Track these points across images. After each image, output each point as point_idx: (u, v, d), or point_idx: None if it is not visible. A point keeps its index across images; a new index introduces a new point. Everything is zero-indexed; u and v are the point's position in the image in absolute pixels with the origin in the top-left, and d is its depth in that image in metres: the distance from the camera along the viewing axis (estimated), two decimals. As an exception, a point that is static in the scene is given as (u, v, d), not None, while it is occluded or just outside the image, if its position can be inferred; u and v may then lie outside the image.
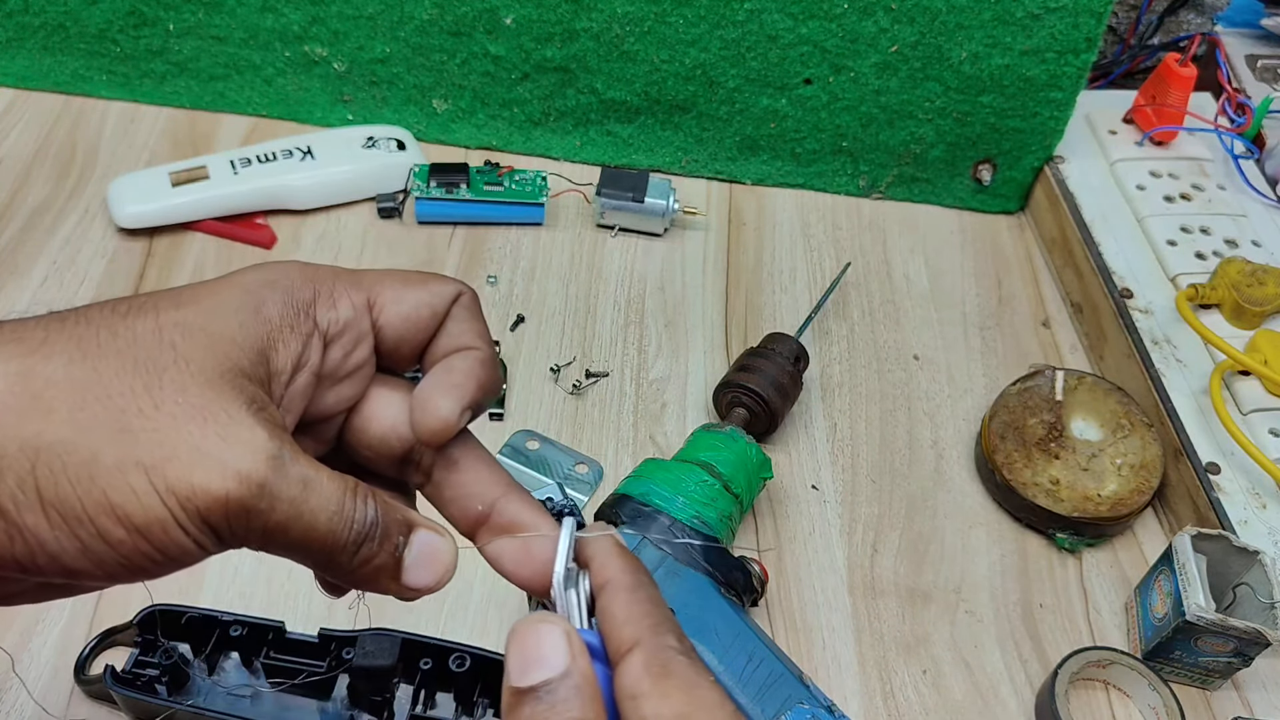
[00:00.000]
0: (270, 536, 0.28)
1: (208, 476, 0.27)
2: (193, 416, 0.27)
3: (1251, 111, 0.84)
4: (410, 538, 0.32)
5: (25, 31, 0.81)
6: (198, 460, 0.27)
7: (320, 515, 0.29)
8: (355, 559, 0.30)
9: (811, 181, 0.85)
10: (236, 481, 0.27)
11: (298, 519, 0.28)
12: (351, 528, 0.30)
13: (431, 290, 0.33)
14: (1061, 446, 0.65)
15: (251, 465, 0.27)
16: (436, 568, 0.32)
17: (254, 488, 0.27)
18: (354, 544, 0.30)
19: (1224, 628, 0.55)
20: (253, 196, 0.75)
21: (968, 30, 0.75)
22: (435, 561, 0.32)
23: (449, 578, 0.32)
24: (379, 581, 0.31)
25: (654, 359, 0.72)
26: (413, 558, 0.31)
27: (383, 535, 0.30)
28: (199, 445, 0.27)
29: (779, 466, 0.66)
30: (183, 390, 0.27)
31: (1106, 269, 0.75)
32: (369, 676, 0.51)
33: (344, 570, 0.30)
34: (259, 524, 0.28)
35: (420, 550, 0.32)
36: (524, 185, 0.78)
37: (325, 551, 0.29)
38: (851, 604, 0.61)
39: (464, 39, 0.78)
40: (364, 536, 0.30)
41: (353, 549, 0.30)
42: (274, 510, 0.28)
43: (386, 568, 0.31)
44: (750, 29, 0.76)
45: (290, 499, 0.28)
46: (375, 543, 0.30)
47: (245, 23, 0.79)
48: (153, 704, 0.51)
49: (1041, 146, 0.81)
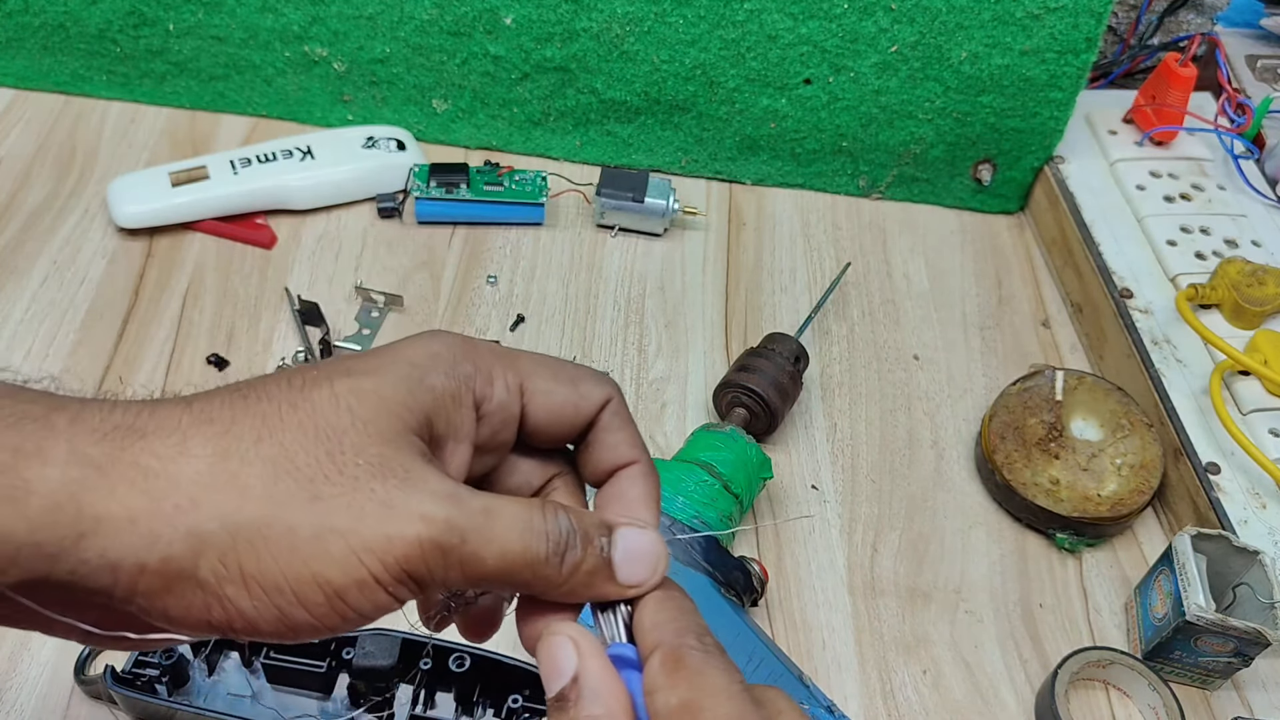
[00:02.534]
0: (470, 569, 0.29)
1: (399, 526, 0.28)
2: (374, 474, 0.29)
3: (1251, 111, 0.84)
4: (612, 536, 0.32)
5: (25, 31, 0.81)
6: (385, 514, 0.28)
7: (512, 535, 0.30)
8: (563, 569, 0.31)
9: (811, 181, 0.85)
10: (424, 524, 0.28)
11: (490, 544, 0.29)
12: (547, 540, 0.30)
13: (581, 392, 0.34)
14: (1061, 446, 0.65)
15: (434, 506, 0.29)
16: (649, 559, 0.32)
17: (441, 525, 0.29)
18: (556, 554, 0.30)
19: (1224, 628, 0.55)
20: (253, 196, 0.75)
21: (968, 30, 0.75)
22: (646, 554, 0.32)
23: (665, 567, 0.33)
24: (595, 586, 0.32)
25: (654, 359, 0.72)
26: (621, 555, 0.32)
27: (583, 540, 0.31)
28: (384, 500, 0.28)
29: (779, 466, 0.66)
30: (361, 451, 0.29)
31: (1106, 269, 0.75)
32: (369, 676, 0.51)
33: (556, 584, 0.31)
34: (455, 559, 0.29)
35: (627, 546, 0.32)
36: (524, 185, 0.78)
37: (530, 569, 0.30)
38: (851, 604, 0.61)
39: (464, 39, 0.78)
40: (564, 545, 0.31)
41: (556, 560, 0.30)
42: (466, 542, 0.29)
43: (599, 570, 0.32)
44: (750, 29, 0.76)
45: (478, 528, 0.29)
46: (578, 549, 0.31)
47: (245, 23, 0.79)
48: (153, 704, 0.51)
49: (1041, 146, 0.81)
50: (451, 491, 0.29)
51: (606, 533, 0.32)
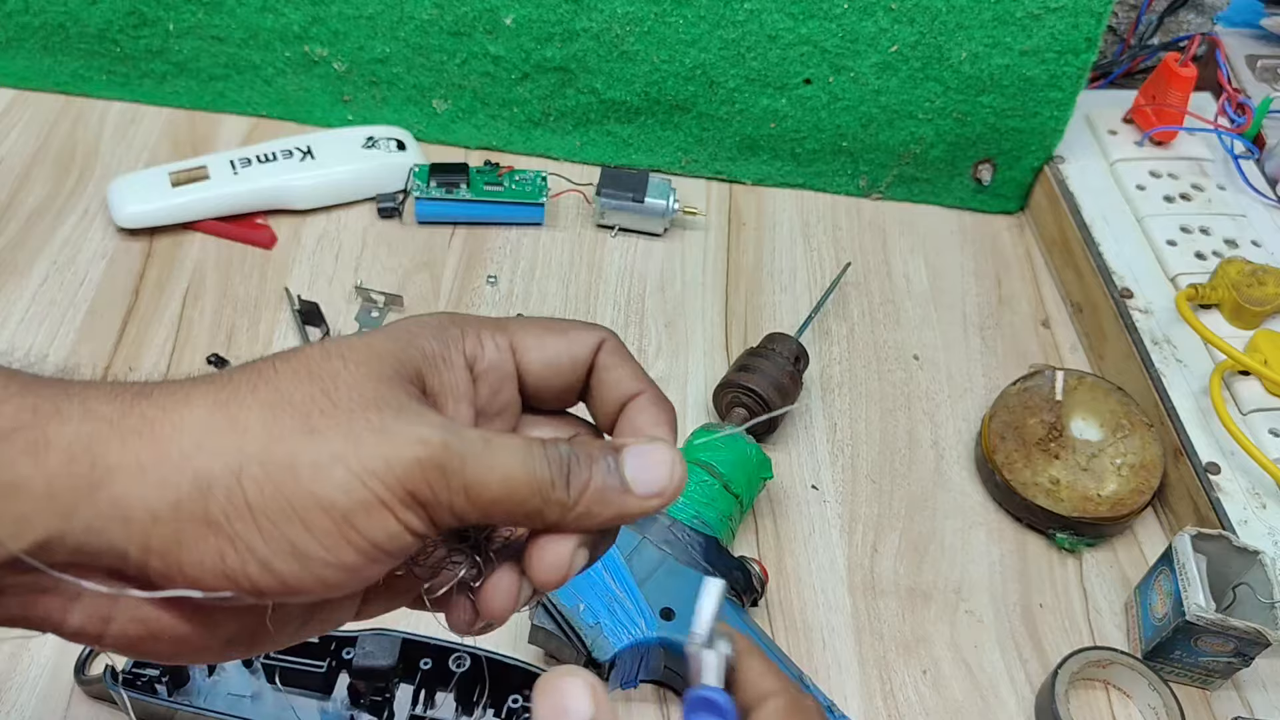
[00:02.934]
0: (475, 495, 0.29)
1: (395, 448, 0.28)
2: (369, 406, 0.29)
3: (1251, 111, 0.84)
4: (620, 454, 0.31)
5: (25, 31, 0.81)
6: (383, 439, 0.28)
7: (514, 460, 0.30)
8: (570, 490, 0.30)
9: (811, 181, 0.85)
10: (422, 446, 0.28)
11: (492, 470, 0.29)
12: (550, 464, 0.30)
13: (571, 338, 0.34)
14: (1061, 446, 0.65)
15: (430, 431, 0.29)
16: (664, 466, 0.31)
17: (438, 447, 0.29)
18: (561, 475, 0.30)
19: (1224, 628, 0.55)
20: (253, 196, 0.75)
21: (968, 30, 0.75)
22: (660, 461, 0.31)
23: (682, 474, 0.32)
24: (610, 505, 0.31)
25: (654, 359, 0.72)
26: (633, 467, 0.31)
27: (588, 459, 0.31)
28: (379, 427, 0.29)
29: (779, 466, 0.66)
30: (355, 387, 0.29)
31: (1106, 269, 0.75)
32: (369, 676, 0.51)
33: (568, 508, 0.30)
34: (459, 482, 0.29)
35: (638, 459, 0.31)
36: (524, 185, 0.78)
37: (537, 494, 0.30)
38: (851, 604, 0.61)
39: (464, 39, 0.78)
40: (568, 467, 0.30)
41: (562, 481, 0.30)
42: (466, 465, 0.29)
43: (611, 486, 0.31)
44: (750, 29, 0.76)
45: (477, 453, 0.29)
46: (584, 469, 0.31)
47: (245, 23, 0.79)
48: (153, 704, 0.51)
49: (1041, 146, 0.81)
50: (446, 422, 0.30)
51: (613, 452, 0.31)
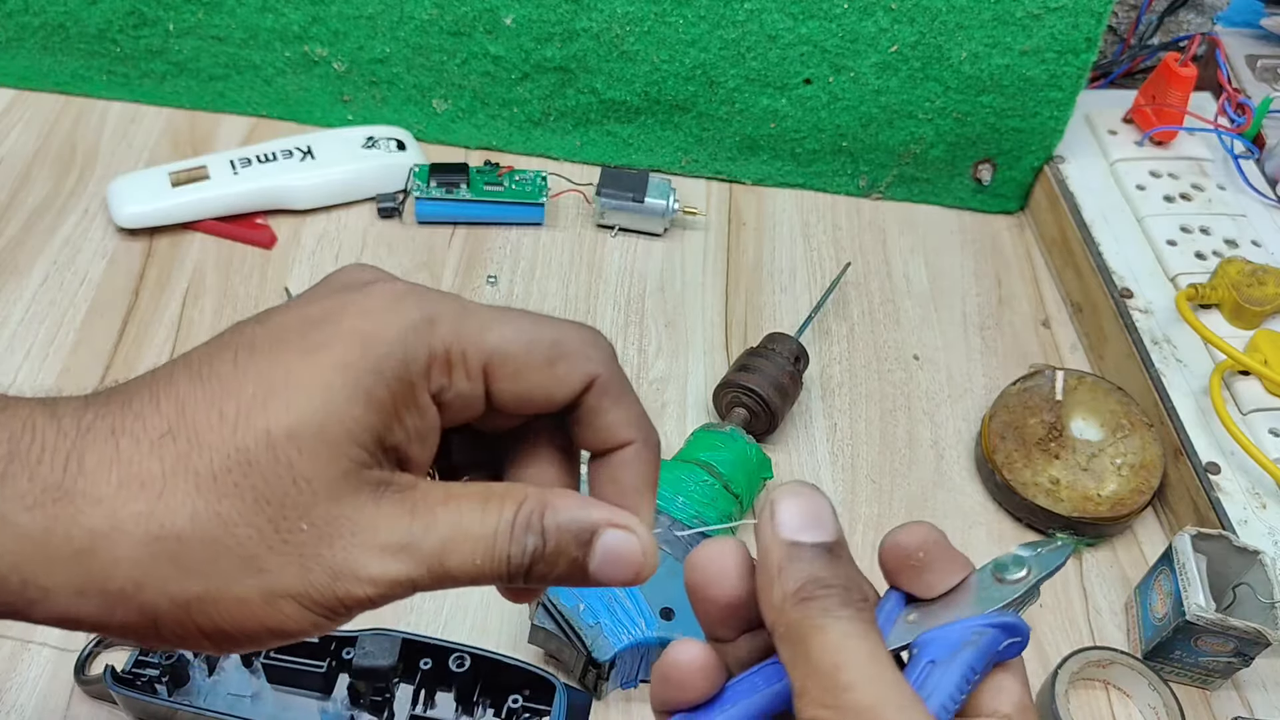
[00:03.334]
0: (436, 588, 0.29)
1: (348, 587, 0.28)
2: (320, 539, 0.28)
3: (1251, 111, 0.84)
4: (592, 546, 0.30)
5: (25, 31, 0.81)
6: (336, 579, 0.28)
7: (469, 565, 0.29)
8: (530, 579, 0.30)
9: (811, 181, 0.85)
10: (374, 587, 0.28)
11: (450, 577, 0.29)
12: (509, 563, 0.29)
13: (557, 375, 0.30)
14: (1061, 446, 0.65)
15: (382, 567, 0.28)
16: (625, 568, 0.30)
17: (389, 584, 0.28)
18: (519, 571, 0.29)
19: (1224, 628, 0.55)
20: (253, 196, 0.75)
21: (968, 30, 0.75)
22: (622, 562, 0.30)
23: (648, 570, 0.30)
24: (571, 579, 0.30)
25: (654, 359, 0.72)
26: (597, 563, 0.30)
27: (553, 554, 0.29)
28: (332, 566, 0.28)
29: (779, 466, 0.66)
30: (306, 515, 0.28)
31: (1106, 269, 0.75)
32: (369, 676, 0.51)
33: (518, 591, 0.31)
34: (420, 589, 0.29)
35: (603, 554, 0.30)
36: (524, 185, 0.78)
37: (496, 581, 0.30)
38: (851, 604, 0.61)
39: (464, 39, 0.78)
40: (529, 563, 0.29)
41: (520, 575, 0.29)
42: (424, 582, 0.29)
43: (571, 576, 0.30)
44: (750, 29, 0.76)
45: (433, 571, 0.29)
46: (545, 563, 0.29)
47: (245, 23, 0.79)
48: (153, 704, 0.51)
49: (1041, 146, 0.81)
50: (403, 542, 0.28)
51: (588, 540, 0.30)
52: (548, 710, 0.51)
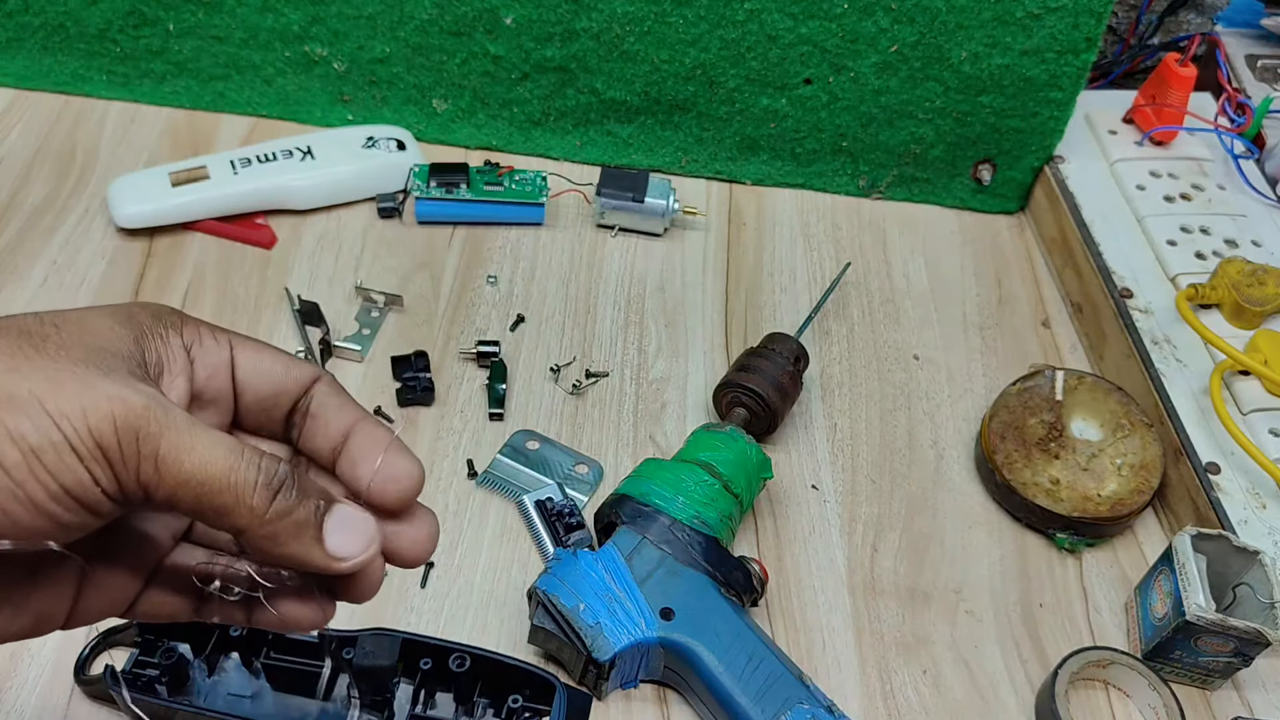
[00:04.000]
0: (165, 469, 0.28)
1: (94, 400, 0.28)
2: (76, 362, 0.29)
3: (1251, 111, 0.84)
4: (330, 505, 0.31)
5: (25, 31, 0.81)
6: (83, 388, 0.28)
7: (217, 451, 0.29)
8: (271, 507, 0.30)
9: (811, 181, 0.85)
10: (121, 403, 0.28)
11: (191, 449, 0.29)
12: (259, 470, 0.29)
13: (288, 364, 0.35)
14: (1061, 446, 0.65)
15: (134, 394, 0.28)
16: (361, 536, 0.31)
17: (139, 409, 0.28)
18: (266, 487, 0.29)
19: (1224, 628, 0.55)
20: (253, 196, 0.75)
21: (968, 30, 0.75)
22: (358, 529, 0.31)
23: (375, 550, 0.32)
24: (299, 540, 0.30)
25: (654, 359, 0.72)
26: (335, 521, 0.31)
27: (300, 492, 0.30)
28: (84, 379, 0.28)
29: (779, 466, 0.66)
30: (64, 348, 0.29)
31: (1106, 269, 0.75)
32: (369, 676, 0.51)
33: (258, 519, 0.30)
34: (151, 449, 0.28)
35: (343, 515, 0.31)
36: (524, 185, 0.78)
37: (232, 492, 0.29)
38: (851, 604, 0.61)
39: (464, 39, 0.78)
40: (276, 485, 0.30)
41: (266, 493, 0.29)
42: (163, 434, 0.28)
43: (307, 525, 0.30)
44: (750, 29, 0.76)
45: (178, 428, 0.29)
46: (292, 494, 0.30)
47: (245, 23, 0.79)
48: (153, 704, 0.51)
49: (1041, 146, 0.81)
50: (156, 394, 0.29)
51: (325, 499, 0.31)
52: (548, 710, 0.51)
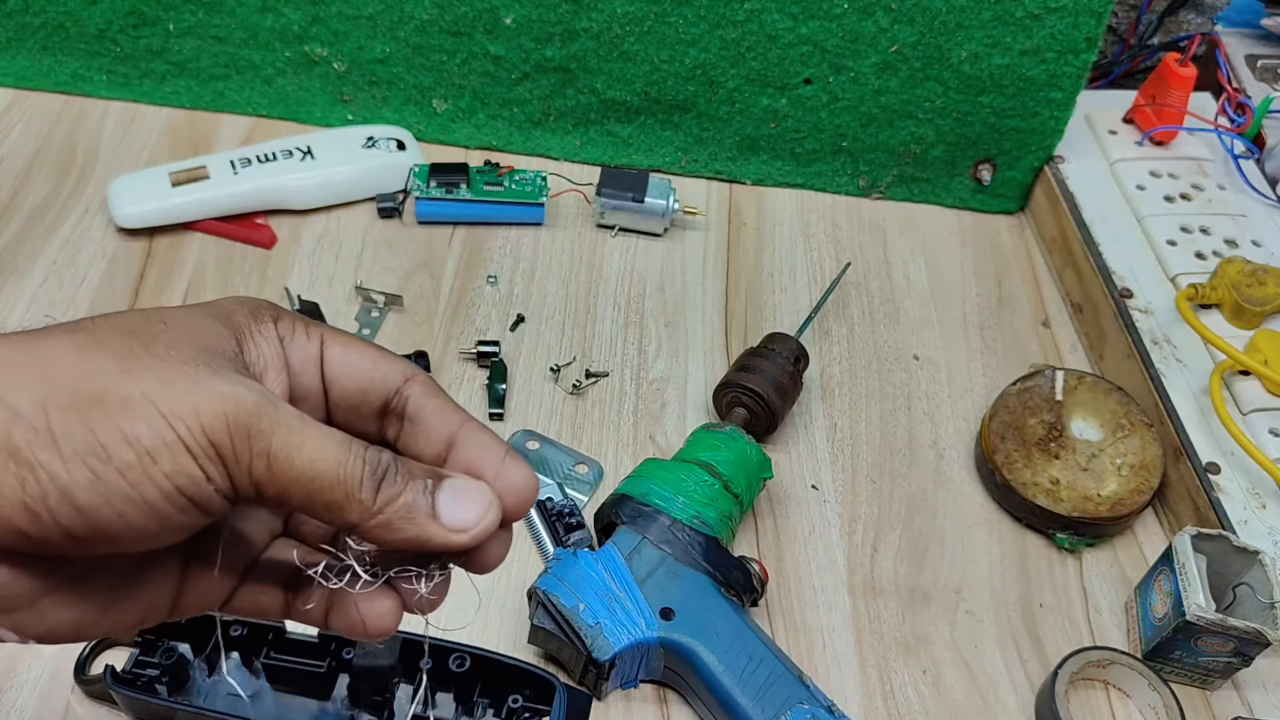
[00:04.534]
0: (277, 466, 0.29)
1: (205, 398, 0.28)
2: (185, 361, 0.29)
3: (1251, 111, 0.84)
4: (440, 482, 0.31)
5: (25, 31, 0.81)
6: (194, 387, 0.28)
7: (325, 446, 0.29)
8: (379, 496, 0.30)
9: (811, 181, 0.85)
10: (233, 402, 0.28)
11: (301, 446, 0.29)
12: (364, 463, 0.30)
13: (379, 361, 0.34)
14: (1061, 446, 0.65)
15: (245, 391, 0.29)
16: (477, 504, 0.31)
17: (250, 405, 0.28)
18: (374, 480, 0.30)
19: (1224, 628, 0.55)
20: (253, 196, 0.75)
21: (968, 30, 0.75)
22: (475, 498, 0.31)
23: (495, 514, 0.31)
24: (413, 522, 0.30)
25: (654, 359, 0.72)
26: (448, 495, 0.31)
27: (406, 474, 0.30)
28: (194, 378, 0.28)
29: (779, 466, 0.66)
30: (173, 346, 0.29)
31: (1106, 269, 0.75)
32: (369, 676, 0.51)
33: (369, 512, 0.30)
34: (262, 446, 0.28)
35: (455, 491, 0.31)
36: (524, 185, 0.78)
37: (341, 486, 0.29)
38: (851, 604, 0.61)
39: (464, 39, 0.78)
40: (381, 473, 0.30)
41: (371, 484, 0.30)
42: (274, 431, 0.29)
43: (418, 505, 0.30)
44: (750, 29, 0.76)
45: (289, 426, 0.29)
46: (397, 481, 0.30)
47: (245, 23, 0.79)
48: (153, 704, 0.51)
49: (1041, 146, 0.81)
50: (266, 391, 0.29)
51: (434, 478, 0.31)
52: (548, 710, 0.51)
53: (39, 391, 0.27)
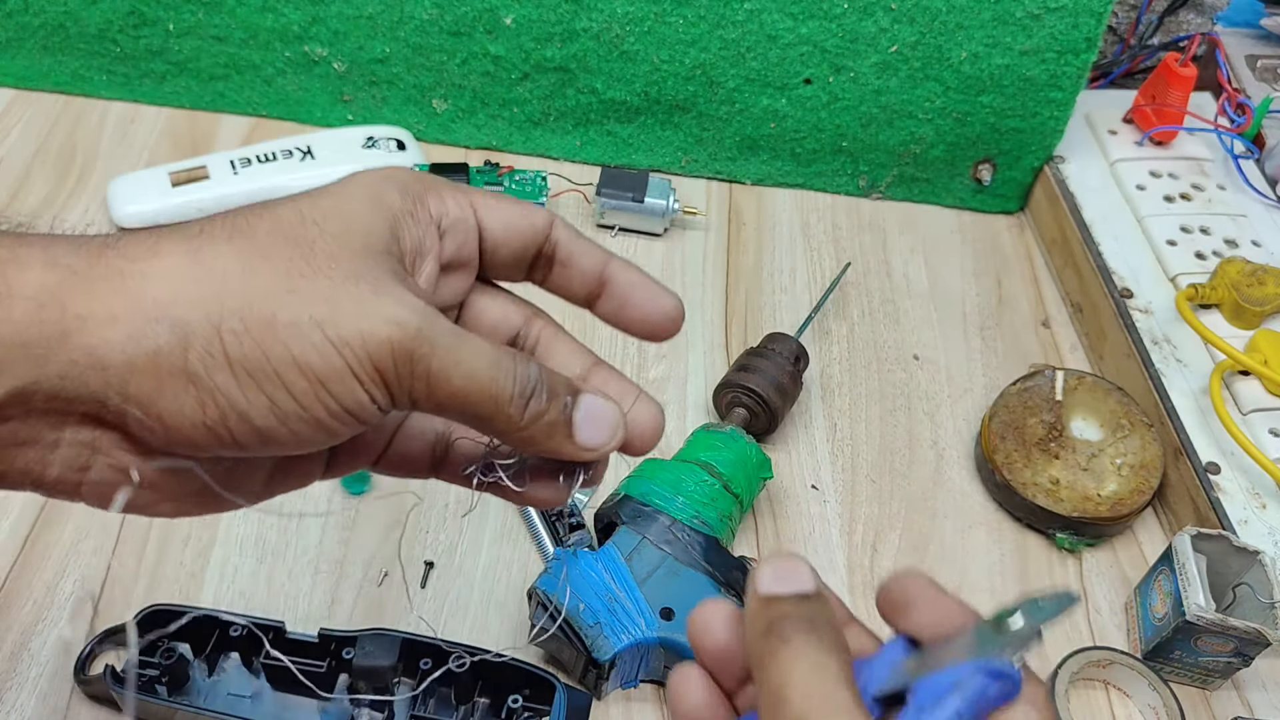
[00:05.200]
0: (436, 385, 0.30)
1: (372, 325, 0.29)
2: (349, 277, 0.29)
3: (1251, 111, 0.84)
4: (577, 399, 0.33)
5: (25, 31, 0.81)
6: (361, 312, 0.29)
7: (481, 362, 0.30)
8: (526, 414, 0.31)
9: (811, 181, 0.85)
10: (397, 328, 0.29)
11: (458, 365, 0.30)
12: (514, 380, 0.31)
13: (525, 209, 0.36)
14: (1061, 446, 0.65)
15: (408, 314, 0.29)
16: (607, 425, 0.33)
17: (413, 331, 0.29)
18: (521, 396, 0.31)
19: (1224, 628, 0.55)
20: (253, 196, 0.74)
21: (968, 30, 0.75)
22: (605, 420, 0.33)
23: (621, 437, 0.34)
24: (552, 439, 0.33)
25: (654, 359, 0.72)
26: (583, 415, 0.33)
27: (550, 392, 0.32)
28: (359, 300, 0.29)
29: (779, 466, 0.66)
30: (334, 259, 0.30)
31: (1106, 269, 0.75)
32: (369, 676, 0.51)
33: (515, 426, 0.32)
34: (423, 369, 0.30)
35: (589, 409, 0.33)
36: (524, 185, 0.78)
37: (492, 401, 0.31)
38: (851, 604, 0.61)
39: (464, 39, 0.78)
40: (530, 390, 0.31)
41: (520, 401, 0.31)
42: (434, 354, 0.30)
43: (558, 425, 0.32)
44: (750, 29, 0.76)
45: (448, 346, 0.30)
46: (543, 398, 0.32)
47: (245, 23, 0.79)
48: (153, 704, 0.51)
49: (1041, 146, 0.81)
50: (425, 308, 0.30)
51: (572, 393, 0.33)
52: (548, 710, 0.51)
53: (212, 311, 0.28)
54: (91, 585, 0.57)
